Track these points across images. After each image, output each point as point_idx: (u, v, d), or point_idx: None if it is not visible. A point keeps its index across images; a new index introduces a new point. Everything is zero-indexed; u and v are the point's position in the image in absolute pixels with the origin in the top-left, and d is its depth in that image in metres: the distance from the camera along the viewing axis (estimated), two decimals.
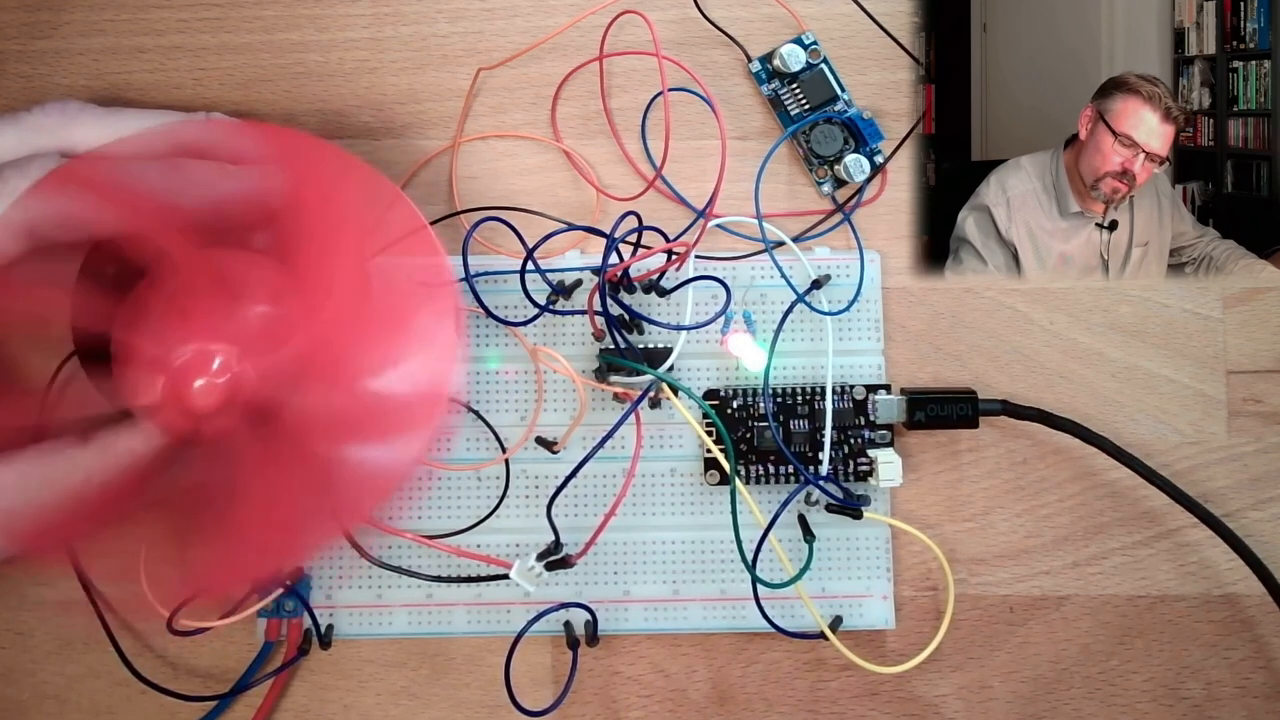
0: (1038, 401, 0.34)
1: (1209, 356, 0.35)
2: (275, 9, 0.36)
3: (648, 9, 0.34)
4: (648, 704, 0.34)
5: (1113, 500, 0.34)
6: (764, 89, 0.36)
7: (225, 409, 0.26)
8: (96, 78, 0.35)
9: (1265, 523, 0.34)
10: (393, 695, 0.34)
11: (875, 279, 0.35)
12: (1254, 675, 0.34)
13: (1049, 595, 0.34)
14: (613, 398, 0.33)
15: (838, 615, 0.33)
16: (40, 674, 0.34)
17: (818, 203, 0.36)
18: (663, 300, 0.34)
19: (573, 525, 0.33)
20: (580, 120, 0.36)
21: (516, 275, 0.31)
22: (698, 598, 0.33)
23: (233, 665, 0.33)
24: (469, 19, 0.36)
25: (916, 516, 0.34)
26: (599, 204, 0.35)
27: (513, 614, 0.33)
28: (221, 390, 0.26)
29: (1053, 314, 0.35)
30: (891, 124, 0.36)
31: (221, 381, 0.26)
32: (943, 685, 0.34)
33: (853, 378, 0.34)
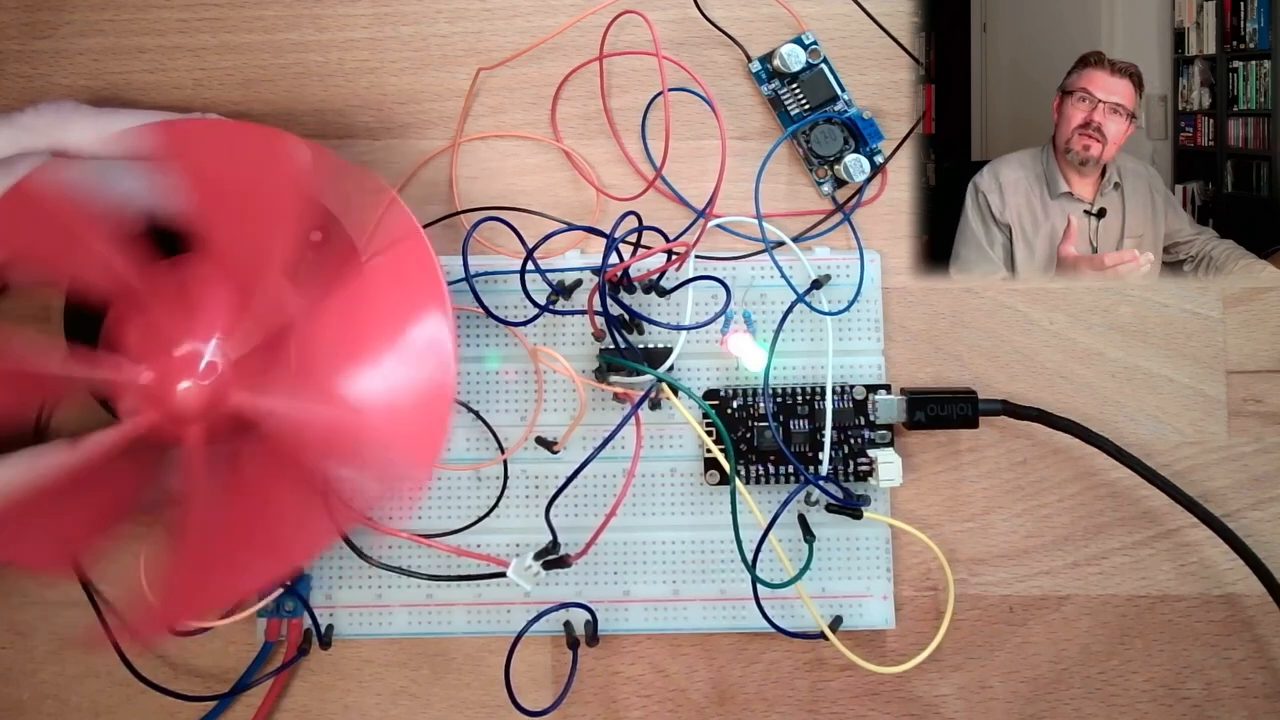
0: (1038, 401, 0.34)
1: (1209, 356, 0.35)
2: (275, 9, 0.36)
3: (648, 9, 0.34)
4: (648, 704, 0.34)
5: (1113, 500, 0.34)
6: (764, 89, 0.36)
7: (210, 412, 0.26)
8: (96, 78, 0.35)
9: (1265, 523, 0.34)
10: (393, 695, 0.34)
11: (875, 279, 0.35)
12: (1254, 675, 0.34)
13: (1049, 595, 0.34)
14: (613, 398, 0.33)
15: (838, 615, 0.33)
16: (40, 674, 0.34)
17: (818, 203, 0.36)
18: (663, 300, 0.34)
19: (573, 525, 0.33)
20: (580, 120, 0.36)
21: (516, 275, 0.31)
22: (698, 598, 0.33)
23: (233, 665, 0.33)
24: (469, 19, 0.36)
25: (916, 516, 0.34)
26: (599, 204, 0.35)
27: (513, 614, 0.33)
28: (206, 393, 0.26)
29: (1053, 314, 0.35)
30: (891, 124, 0.36)
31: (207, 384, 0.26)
32: (943, 685, 0.34)
33: (853, 378, 0.34)
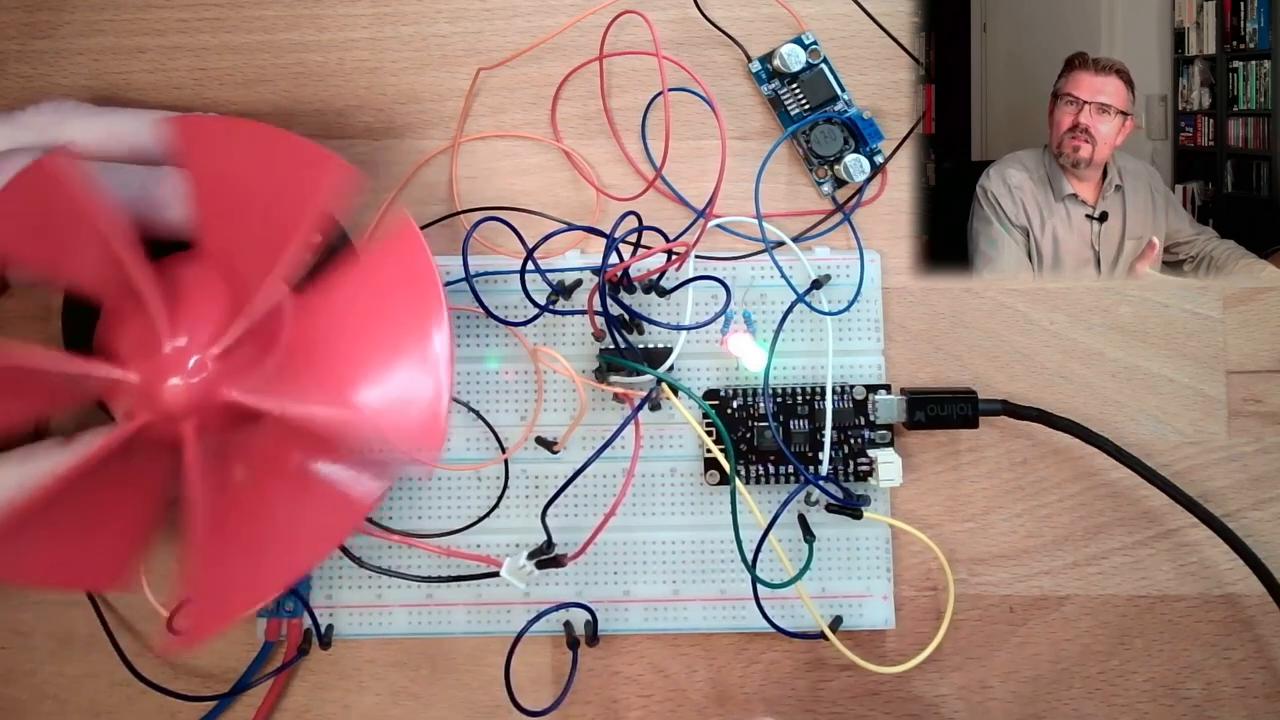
0: (1038, 401, 0.34)
1: (1209, 356, 0.35)
2: (275, 9, 0.36)
3: (648, 9, 0.34)
4: (648, 704, 0.34)
5: (1113, 500, 0.34)
6: (764, 89, 0.36)
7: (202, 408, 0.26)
8: (96, 78, 0.35)
9: (1265, 523, 0.34)
10: (393, 695, 0.34)
11: (875, 279, 0.35)
12: (1254, 675, 0.34)
13: (1049, 595, 0.34)
14: (613, 398, 0.33)
15: (838, 615, 0.33)
16: (40, 674, 0.34)
17: (818, 203, 0.36)
18: (663, 300, 0.34)
19: (572, 525, 0.33)
20: (580, 120, 0.36)
21: (516, 275, 0.31)
22: (698, 598, 0.33)
23: (233, 665, 0.33)
24: (469, 19, 0.36)
25: (916, 516, 0.34)
26: (599, 204, 0.35)
27: (513, 614, 0.33)
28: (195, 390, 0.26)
29: (1053, 314, 0.35)
30: (891, 124, 0.36)
31: (195, 380, 0.26)
32: (943, 685, 0.34)
33: (853, 378, 0.34)
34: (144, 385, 0.26)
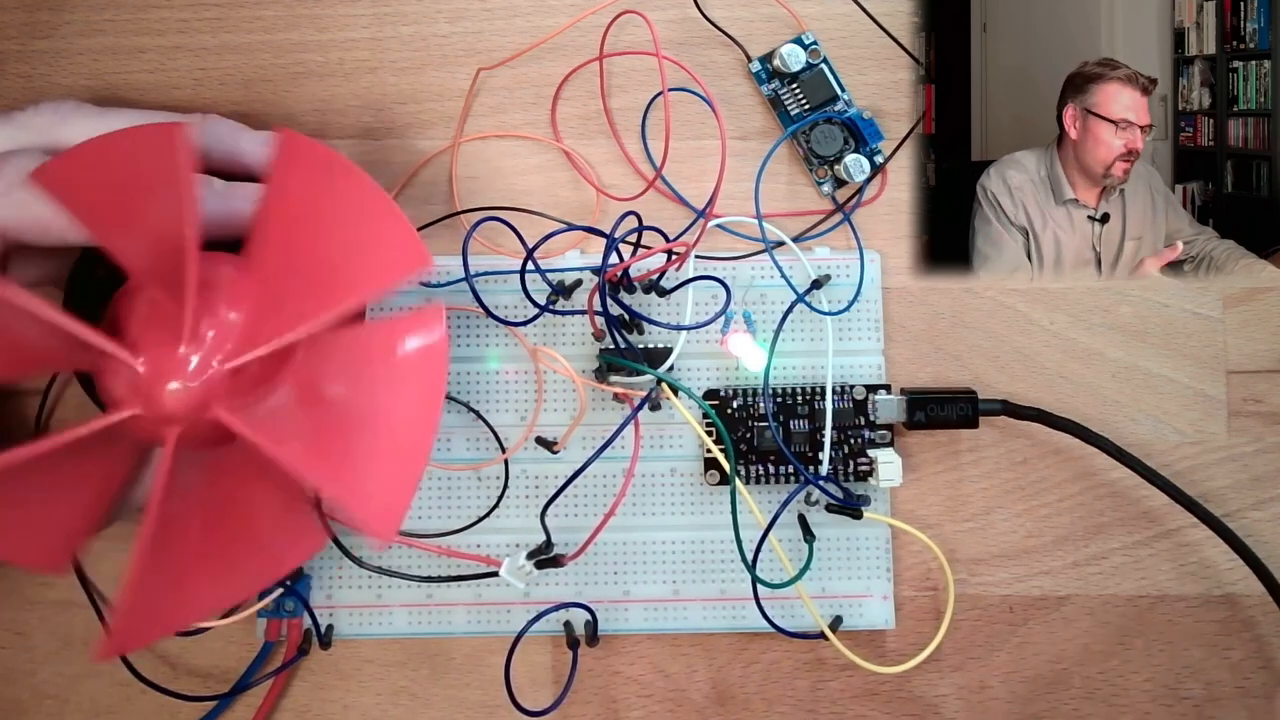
0: (1038, 401, 0.34)
1: (1209, 356, 0.35)
2: (275, 9, 0.36)
3: (648, 9, 0.34)
4: (648, 704, 0.34)
5: (1113, 500, 0.34)
6: (764, 89, 0.36)
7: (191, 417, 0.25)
8: (96, 78, 0.35)
9: (1265, 523, 0.34)
10: (393, 695, 0.34)
11: (875, 279, 0.35)
12: (1254, 675, 0.34)
13: (1049, 595, 0.34)
14: (613, 398, 0.33)
15: (838, 615, 0.33)
16: (40, 674, 0.34)
17: (818, 203, 0.36)
18: (663, 300, 0.34)
19: (572, 525, 0.33)
20: (580, 120, 0.36)
21: (516, 275, 0.31)
22: (698, 598, 0.33)
23: (233, 665, 0.33)
24: (469, 19, 0.36)
25: (916, 516, 0.34)
26: (599, 204, 0.35)
27: (513, 614, 0.33)
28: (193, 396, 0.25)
29: (1053, 314, 0.35)
30: (891, 124, 0.36)
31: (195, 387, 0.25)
32: (943, 685, 0.34)
33: (853, 378, 0.34)
34: (148, 377, 0.25)
